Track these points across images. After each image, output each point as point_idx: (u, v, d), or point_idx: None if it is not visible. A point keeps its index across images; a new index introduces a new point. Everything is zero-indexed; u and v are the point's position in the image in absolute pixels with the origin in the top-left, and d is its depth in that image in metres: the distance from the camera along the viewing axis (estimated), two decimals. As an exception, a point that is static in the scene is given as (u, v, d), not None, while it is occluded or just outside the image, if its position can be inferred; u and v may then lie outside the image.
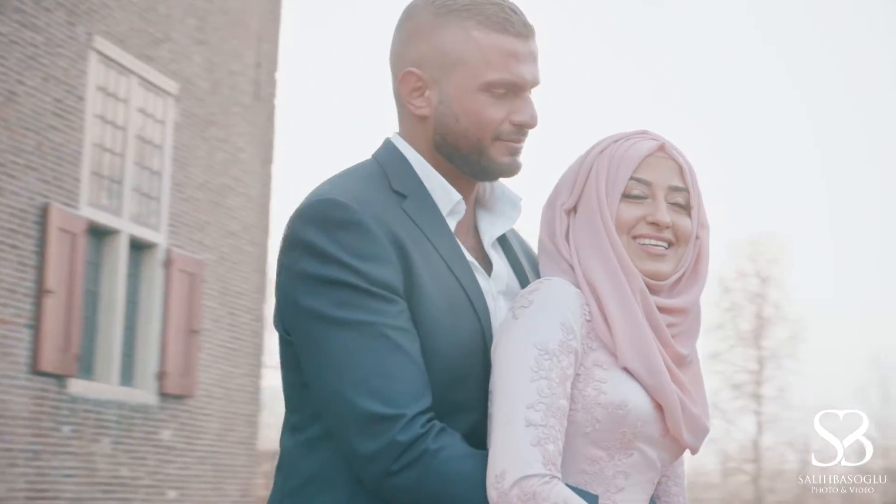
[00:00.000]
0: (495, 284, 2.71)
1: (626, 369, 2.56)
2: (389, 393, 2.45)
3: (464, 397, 2.57)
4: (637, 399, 2.55)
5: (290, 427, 2.65)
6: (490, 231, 2.77)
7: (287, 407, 2.67)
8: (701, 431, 2.63)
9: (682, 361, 2.63)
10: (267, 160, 16.19)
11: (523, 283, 2.77)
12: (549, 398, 2.47)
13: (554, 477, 2.42)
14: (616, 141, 2.67)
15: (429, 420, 2.47)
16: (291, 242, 2.57)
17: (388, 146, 2.73)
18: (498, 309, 2.67)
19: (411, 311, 2.53)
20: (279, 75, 16.41)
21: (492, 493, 2.42)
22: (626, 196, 2.62)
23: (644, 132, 2.68)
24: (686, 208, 2.65)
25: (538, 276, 2.83)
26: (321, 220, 2.54)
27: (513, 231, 2.86)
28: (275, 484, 2.67)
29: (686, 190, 2.65)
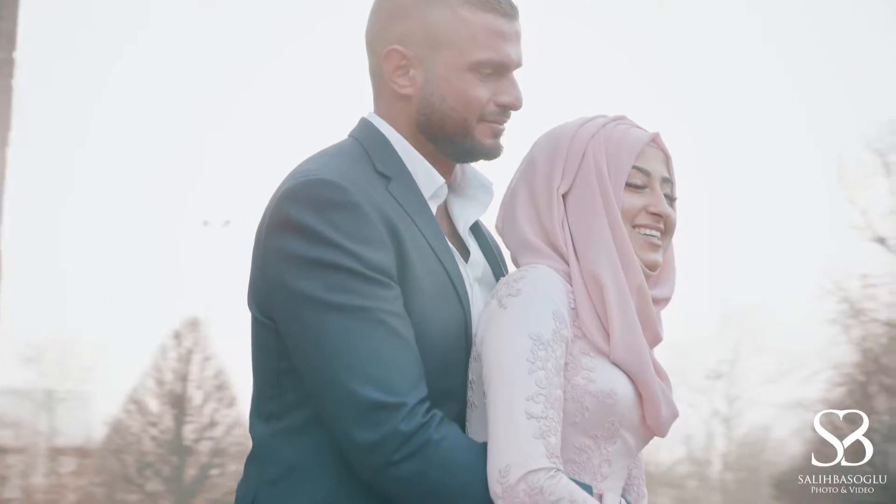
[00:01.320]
0: (472, 271, 2.64)
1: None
2: (388, 380, 2.36)
3: (449, 385, 2.51)
4: (624, 387, 2.53)
5: (264, 415, 2.52)
6: (463, 216, 2.69)
7: (260, 394, 2.54)
8: (674, 417, 2.63)
9: (657, 344, 2.64)
10: (3, 143, 15.55)
11: (496, 270, 2.71)
12: (547, 389, 2.42)
13: (559, 470, 2.38)
14: (604, 126, 2.62)
15: (429, 409, 2.39)
16: (279, 223, 2.44)
17: (367, 126, 2.63)
18: (474, 296, 2.60)
19: (403, 295, 2.44)
20: (18, 55, 15.77)
21: (496, 488, 2.36)
22: (627, 184, 2.59)
23: (622, 117, 2.66)
24: (672, 200, 2.65)
25: (504, 264, 2.78)
26: (313, 200, 2.42)
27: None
28: (247, 475, 2.54)
29: (672, 182, 2.65)
